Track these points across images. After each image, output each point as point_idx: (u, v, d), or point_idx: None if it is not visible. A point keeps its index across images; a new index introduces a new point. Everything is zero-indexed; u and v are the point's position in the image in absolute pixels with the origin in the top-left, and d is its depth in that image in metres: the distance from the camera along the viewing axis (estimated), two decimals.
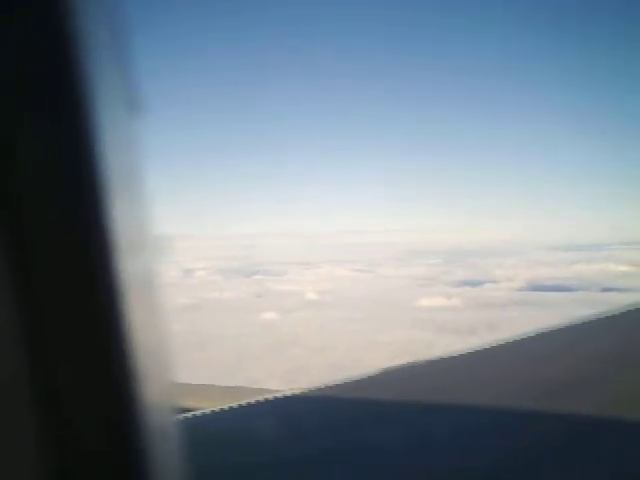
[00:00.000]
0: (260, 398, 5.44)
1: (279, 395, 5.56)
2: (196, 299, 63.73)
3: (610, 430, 4.42)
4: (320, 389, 5.84)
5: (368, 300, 61.79)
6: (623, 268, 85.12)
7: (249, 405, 5.28)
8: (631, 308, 9.17)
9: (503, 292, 67.76)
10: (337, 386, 5.92)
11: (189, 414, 4.82)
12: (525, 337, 7.93)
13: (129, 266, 0.66)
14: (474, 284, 73.71)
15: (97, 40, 0.65)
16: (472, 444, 4.24)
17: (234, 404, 5.30)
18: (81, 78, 0.61)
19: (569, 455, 3.97)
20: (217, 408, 5.21)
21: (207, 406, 5.31)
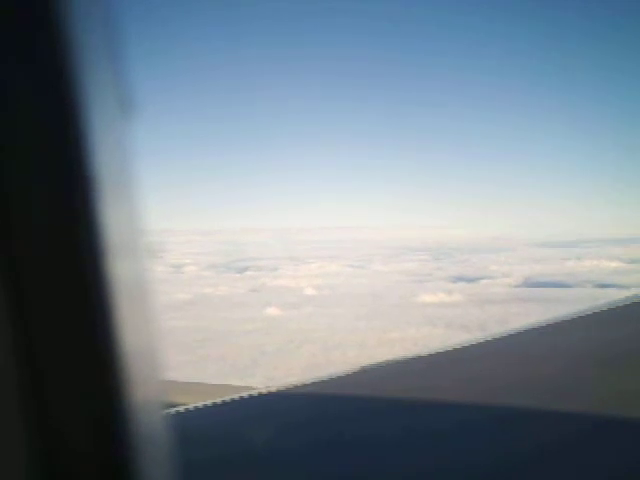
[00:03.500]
0: (246, 394, 5.45)
1: (262, 391, 5.56)
2: (191, 295, 62.41)
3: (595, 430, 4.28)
4: (310, 384, 5.78)
5: (367, 296, 60.98)
6: (615, 265, 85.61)
7: (232, 401, 5.28)
8: (628, 302, 9.23)
9: (501, 288, 67.33)
10: (327, 381, 5.86)
11: (172, 410, 4.76)
12: (520, 331, 7.92)
13: (119, 266, 0.66)
14: (470, 280, 73.30)
15: (89, 39, 0.65)
16: (448, 444, 4.15)
17: (219, 400, 5.28)
18: (73, 78, 0.61)
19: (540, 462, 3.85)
20: (201, 404, 5.17)
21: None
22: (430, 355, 6.73)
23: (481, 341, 7.38)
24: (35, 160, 0.60)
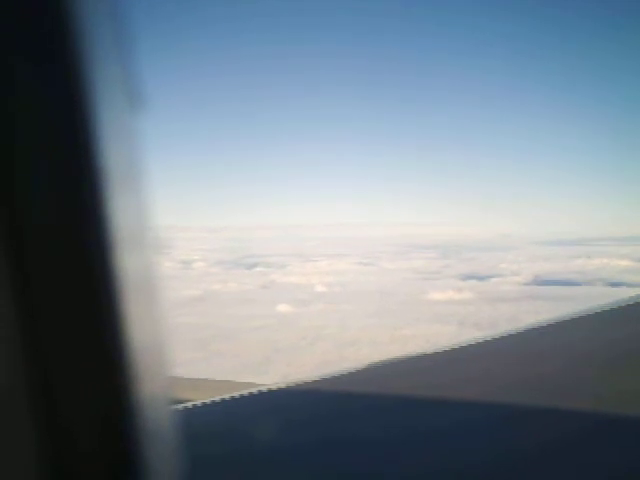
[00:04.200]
0: (249, 391, 5.39)
1: (266, 388, 5.52)
2: (200, 291, 62.32)
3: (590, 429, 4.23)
4: (314, 381, 5.70)
5: (378, 293, 60.81)
6: (625, 263, 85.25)
7: (236, 398, 5.21)
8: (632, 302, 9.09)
9: (511, 286, 67.06)
10: (332, 379, 5.78)
11: (180, 406, 4.74)
12: (530, 329, 7.73)
13: (128, 261, 0.66)
14: (480, 278, 73.03)
15: (98, 34, 0.65)
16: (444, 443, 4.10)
17: (227, 397, 5.21)
18: (81, 72, 0.61)
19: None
20: (208, 401, 5.12)
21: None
22: (437, 353, 6.63)
23: (489, 339, 7.22)
24: (44, 154, 0.60)
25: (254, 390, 5.45)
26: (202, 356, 33.47)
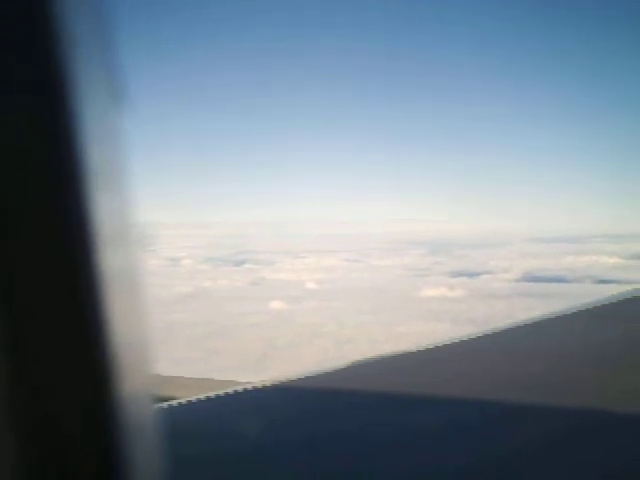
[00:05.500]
0: (231, 389, 5.44)
1: (249, 387, 5.56)
2: (191, 288, 61.94)
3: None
4: (300, 379, 5.79)
5: (369, 290, 60.71)
6: (613, 260, 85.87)
7: (219, 396, 5.26)
8: (629, 296, 9.33)
9: (502, 283, 67.21)
10: (317, 376, 5.87)
11: (167, 404, 4.81)
12: (519, 326, 7.89)
13: (112, 258, 0.66)
14: (470, 275, 73.12)
15: (81, 32, 0.65)
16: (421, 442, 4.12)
17: (212, 395, 5.26)
18: (65, 70, 0.61)
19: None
20: (194, 399, 5.17)
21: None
22: (421, 351, 6.63)
23: (480, 336, 7.22)
24: (26, 152, 0.59)
25: (239, 388, 5.42)
26: (198, 354, 33.16)
